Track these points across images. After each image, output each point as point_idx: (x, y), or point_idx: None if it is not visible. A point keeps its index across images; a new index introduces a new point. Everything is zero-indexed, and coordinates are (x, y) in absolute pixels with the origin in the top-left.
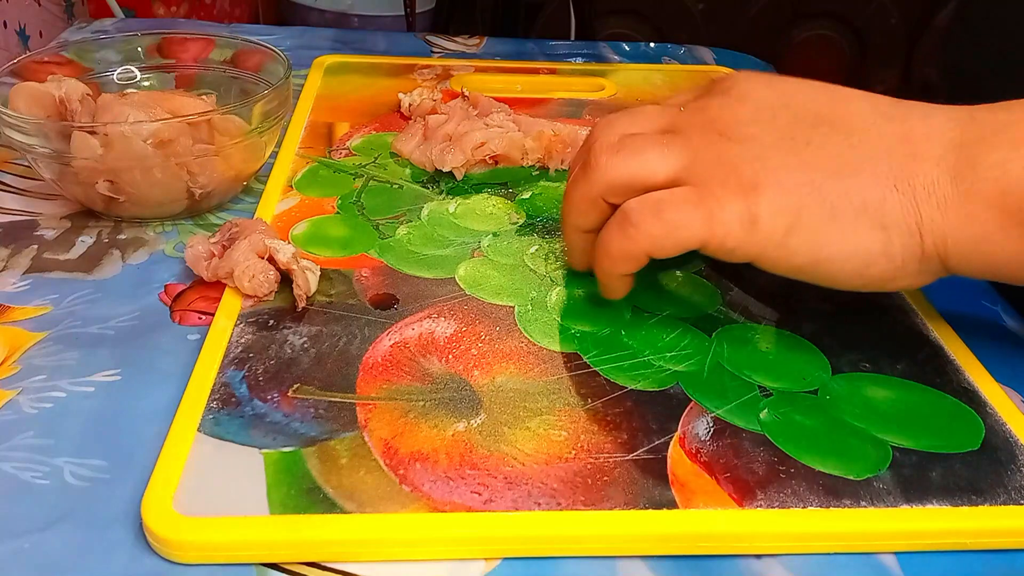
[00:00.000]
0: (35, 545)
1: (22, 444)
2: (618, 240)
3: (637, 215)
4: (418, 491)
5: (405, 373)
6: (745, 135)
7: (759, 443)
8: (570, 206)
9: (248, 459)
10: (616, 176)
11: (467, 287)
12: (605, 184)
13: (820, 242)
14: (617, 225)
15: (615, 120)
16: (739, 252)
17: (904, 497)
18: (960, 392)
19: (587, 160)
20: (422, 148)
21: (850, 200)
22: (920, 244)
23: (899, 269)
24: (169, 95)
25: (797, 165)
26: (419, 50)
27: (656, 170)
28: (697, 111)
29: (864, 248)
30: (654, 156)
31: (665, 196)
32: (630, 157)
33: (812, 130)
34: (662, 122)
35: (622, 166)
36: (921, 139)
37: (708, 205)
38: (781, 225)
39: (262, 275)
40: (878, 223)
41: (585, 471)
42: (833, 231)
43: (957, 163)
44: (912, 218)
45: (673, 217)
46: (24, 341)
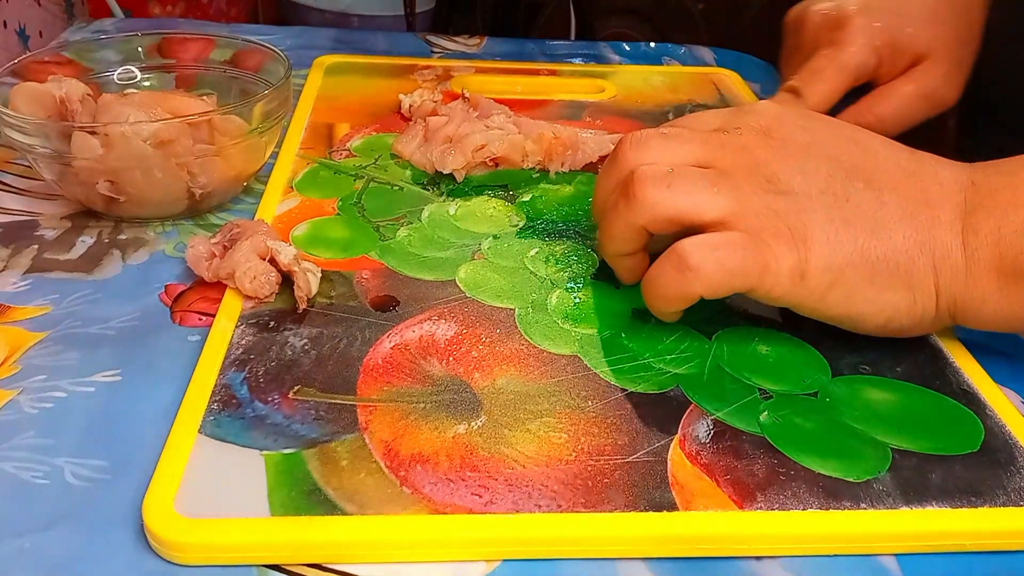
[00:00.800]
0: (35, 545)
1: (22, 444)
2: (674, 281)
3: (697, 259)
4: (419, 493)
5: (406, 375)
6: (791, 186)
7: (759, 445)
8: (611, 235)
9: (249, 461)
10: (664, 212)
11: (467, 289)
12: (651, 217)
13: (856, 299)
14: (673, 267)
15: (648, 144)
16: (781, 300)
17: (904, 499)
18: (959, 394)
19: (631, 189)
20: (422, 150)
21: (887, 262)
22: (936, 304)
23: (916, 324)
24: (169, 95)
25: (841, 222)
26: (419, 50)
27: (705, 211)
28: (740, 151)
29: (892, 306)
30: (704, 197)
31: (722, 241)
32: (680, 195)
33: (849, 185)
34: (702, 155)
35: (671, 202)
36: (936, 203)
37: (764, 256)
38: (826, 281)
39: (263, 276)
40: (907, 284)
41: (585, 473)
42: (870, 290)
43: (964, 230)
44: (932, 281)
45: (732, 265)
46: (24, 341)
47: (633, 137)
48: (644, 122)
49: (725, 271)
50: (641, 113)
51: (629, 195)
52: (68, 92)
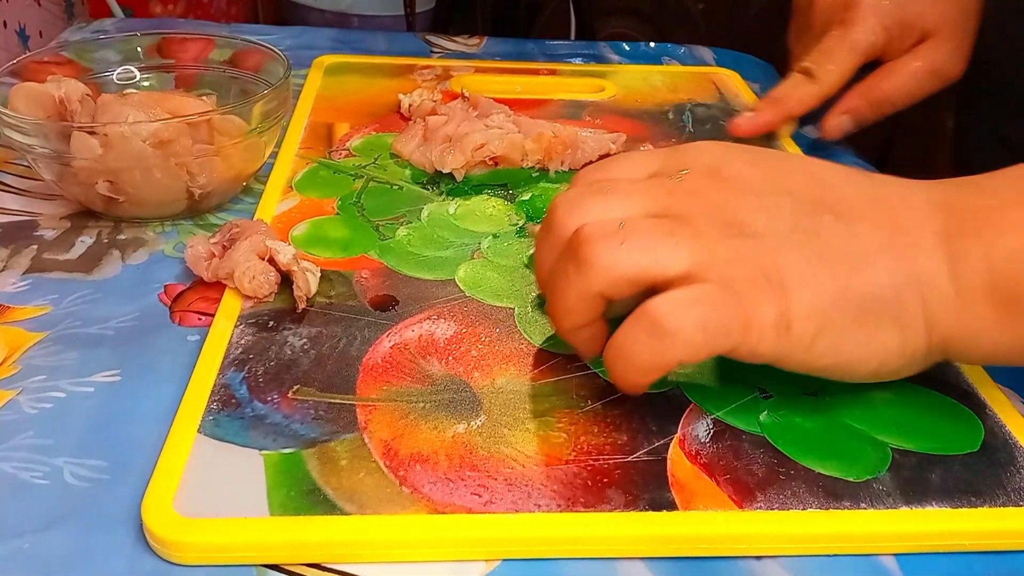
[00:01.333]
0: (35, 545)
1: (22, 444)
2: (648, 349)
3: (674, 322)
4: (418, 492)
5: (405, 375)
6: (756, 227)
7: (759, 445)
8: (563, 308)
9: (248, 460)
10: (622, 273)
11: (467, 289)
12: (608, 281)
13: (845, 345)
14: (646, 333)
15: (584, 204)
16: (765, 356)
17: (903, 498)
18: (959, 394)
19: (579, 252)
20: (422, 149)
21: (873, 299)
22: (928, 341)
23: (908, 365)
24: (169, 95)
25: (816, 261)
26: (419, 50)
27: (667, 264)
28: (691, 195)
29: (883, 348)
30: (665, 250)
31: (698, 297)
32: (637, 250)
33: (816, 219)
34: (649, 204)
35: (629, 261)
36: (912, 229)
37: (745, 308)
38: (811, 328)
39: (262, 276)
40: (896, 321)
41: (585, 473)
42: (859, 333)
43: (949, 256)
44: (921, 316)
45: (714, 324)
46: (24, 341)
47: (566, 199)
48: (644, 121)
49: (707, 332)
50: (640, 113)
51: (579, 259)
52: (67, 92)
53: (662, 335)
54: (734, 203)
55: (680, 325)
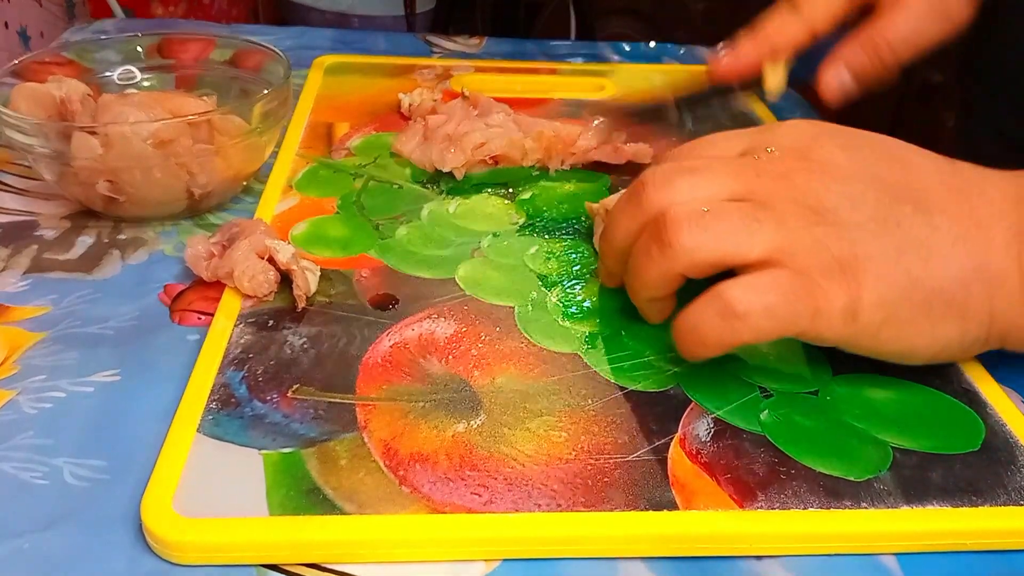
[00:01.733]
0: (35, 545)
1: (22, 444)
2: (718, 328)
3: (744, 306)
4: (418, 492)
5: (405, 374)
6: (837, 216)
7: (760, 444)
8: (643, 282)
9: (247, 460)
10: (704, 257)
11: (467, 287)
12: (691, 264)
13: (910, 335)
14: (717, 313)
15: (675, 182)
16: (832, 341)
17: (904, 498)
18: (960, 393)
19: (665, 235)
20: (422, 148)
21: (941, 293)
22: (988, 332)
23: (964, 352)
24: (169, 95)
25: (893, 252)
26: (419, 50)
27: (747, 250)
28: (778, 179)
29: (945, 338)
30: (745, 235)
31: (770, 285)
32: (721, 236)
33: (897, 209)
34: (736, 187)
35: (712, 247)
36: (988, 224)
37: (816, 297)
38: (878, 318)
39: (262, 275)
40: (961, 315)
41: (585, 472)
42: (924, 325)
43: (1020, 251)
44: (986, 309)
45: (783, 311)
46: (24, 341)
47: (656, 175)
48: (644, 121)
49: (775, 318)
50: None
51: (663, 241)
52: (68, 92)
53: (732, 318)
54: (819, 189)
55: (750, 310)
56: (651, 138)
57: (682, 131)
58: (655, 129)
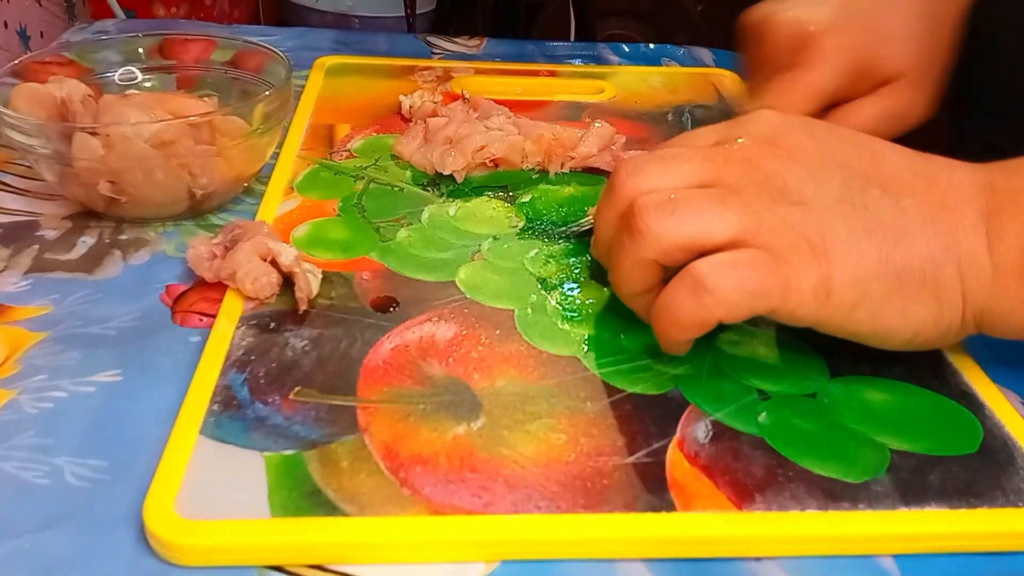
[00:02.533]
0: (35, 545)
1: (22, 444)
2: (689, 306)
3: (714, 280)
4: (418, 494)
5: (406, 376)
6: (805, 196)
7: (758, 446)
8: (621, 274)
9: (249, 462)
10: (672, 241)
11: (467, 290)
12: (660, 250)
13: (883, 314)
14: (688, 290)
15: (646, 168)
16: (805, 320)
17: (902, 500)
18: (958, 395)
19: (633, 223)
20: (423, 151)
21: (912, 272)
22: (962, 314)
23: (942, 335)
24: (170, 96)
25: (862, 231)
26: (419, 51)
27: (716, 233)
28: (745, 164)
29: (919, 319)
30: (713, 218)
31: (740, 260)
32: (686, 220)
33: (865, 193)
34: (704, 173)
35: (678, 230)
36: (956, 207)
37: (785, 273)
38: (852, 296)
39: (264, 277)
40: (934, 294)
41: (584, 474)
42: (897, 303)
43: (988, 234)
44: (959, 289)
45: (753, 285)
46: (25, 341)
47: (628, 164)
48: (643, 123)
49: (746, 292)
50: (640, 114)
51: (633, 229)
52: (69, 93)
53: (703, 292)
54: (785, 172)
55: (720, 283)
56: (650, 144)
57: None
58: (655, 133)
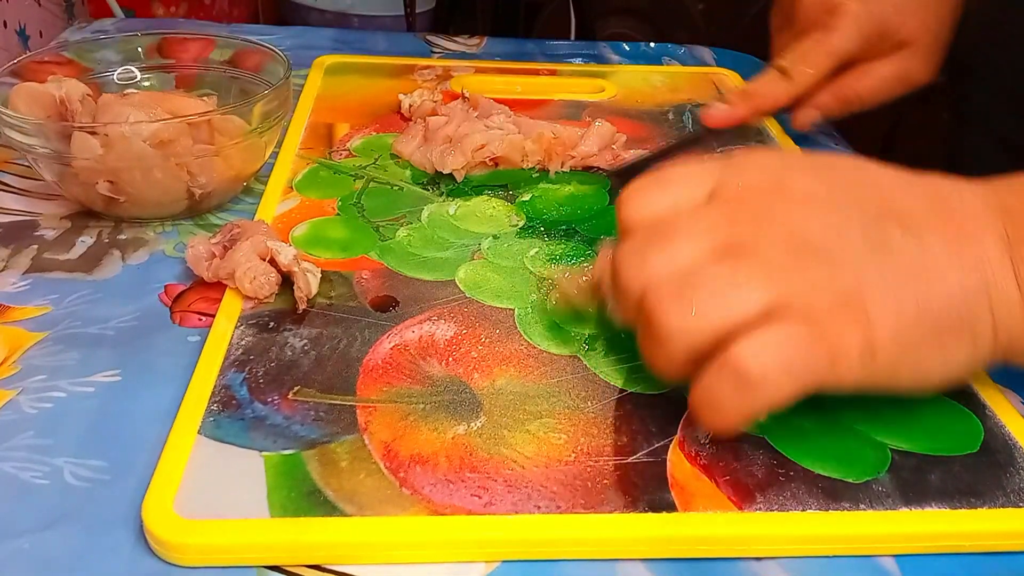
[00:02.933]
0: (35, 545)
1: (22, 444)
2: (735, 401)
3: (759, 370)
4: (418, 494)
5: (405, 376)
6: (827, 250)
7: (758, 446)
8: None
9: (248, 462)
10: (699, 336)
11: (467, 290)
12: (688, 348)
13: (926, 365)
14: (731, 384)
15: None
16: (850, 385)
17: (903, 500)
18: (959, 395)
19: (653, 326)
20: (422, 150)
21: (948, 312)
22: (994, 346)
23: (970, 373)
24: (169, 95)
25: (892, 279)
26: (419, 50)
27: (743, 310)
28: (756, 221)
29: (956, 362)
30: (736, 298)
31: (781, 339)
32: (710, 309)
33: (883, 232)
34: (711, 240)
35: (702, 325)
36: (976, 238)
37: (829, 341)
38: (895, 352)
39: (263, 277)
40: (970, 337)
41: (585, 474)
42: (937, 352)
43: (1014, 261)
44: (991, 327)
45: (800, 365)
46: (24, 341)
47: (626, 255)
48: (644, 122)
49: (792, 374)
50: (640, 113)
51: (654, 332)
52: (68, 92)
53: (748, 385)
54: (802, 223)
55: (765, 372)
56: (650, 143)
57: (683, 134)
58: (656, 132)
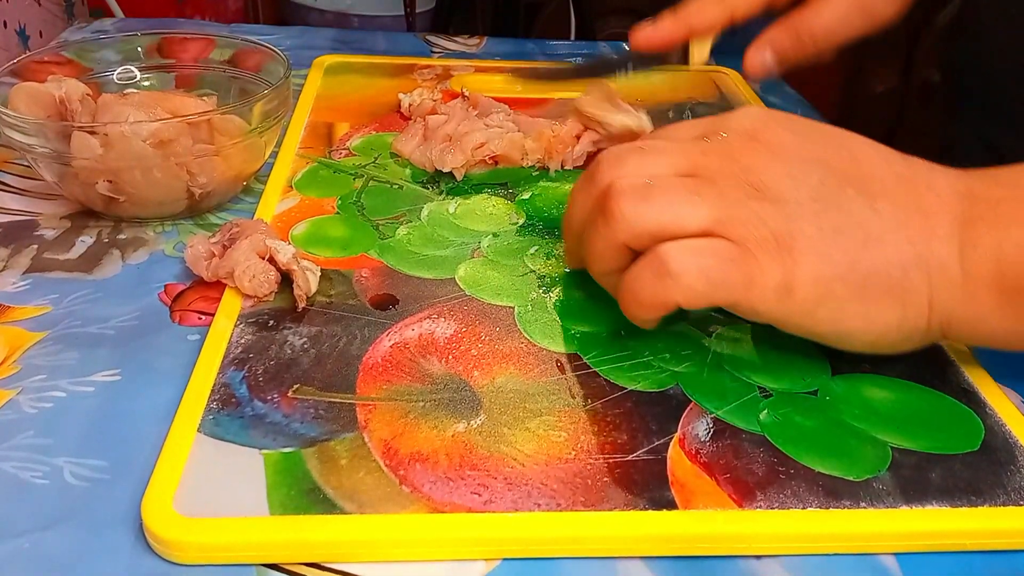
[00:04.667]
0: (35, 545)
1: (22, 444)
2: (651, 287)
3: (678, 265)
4: (418, 492)
5: (405, 374)
6: (779, 193)
7: (759, 444)
8: (593, 254)
9: (248, 460)
10: (643, 227)
11: (467, 288)
12: (631, 234)
13: (846, 315)
14: (652, 271)
15: (626, 158)
16: (765, 315)
17: (903, 498)
18: (959, 393)
19: (607, 206)
20: (422, 148)
21: (878, 276)
22: (927, 320)
23: (905, 340)
24: (169, 95)
25: (831, 231)
26: (419, 50)
27: (687, 221)
28: (724, 156)
29: (882, 322)
30: (685, 207)
31: (706, 249)
32: (659, 206)
33: (841, 192)
34: (683, 163)
35: (649, 215)
36: (932, 213)
37: (749, 267)
38: (813, 295)
39: (262, 275)
40: (899, 300)
41: (585, 472)
42: (859, 306)
43: (961, 242)
44: (925, 296)
45: (716, 275)
46: (24, 341)
47: (610, 153)
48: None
49: (708, 281)
50: None
51: (607, 211)
52: (68, 92)
53: (665, 275)
54: (763, 167)
55: (683, 269)
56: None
57: None
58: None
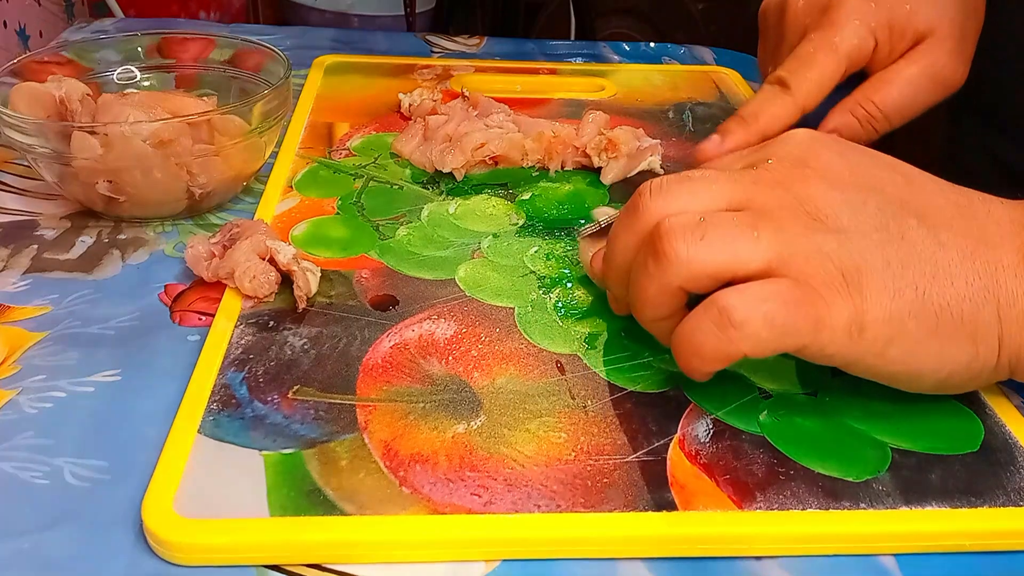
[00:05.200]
0: (35, 545)
1: (22, 444)
2: (714, 340)
3: (742, 314)
4: (418, 493)
5: (405, 375)
6: (839, 224)
7: (758, 445)
8: (644, 300)
9: (248, 461)
10: (700, 268)
11: (467, 288)
12: (687, 277)
13: (919, 355)
14: (714, 323)
15: (672, 189)
16: (835, 358)
17: (903, 499)
18: (959, 394)
19: (659, 246)
20: (422, 149)
21: (951, 311)
22: (997, 357)
23: (974, 379)
24: (169, 95)
25: (898, 265)
26: (419, 50)
27: (747, 260)
28: (776, 185)
29: (954, 361)
30: (744, 244)
31: (770, 293)
32: (716, 245)
33: (901, 222)
34: (734, 194)
35: (706, 256)
36: (996, 244)
37: (816, 307)
38: (885, 334)
39: (263, 276)
40: (971, 336)
41: (585, 473)
42: (933, 344)
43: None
44: (996, 332)
45: (783, 321)
46: (24, 341)
47: (652, 185)
48: (644, 121)
49: (774, 328)
50: (641, 112)
51: (658, 253)
52: (68, 92)
53: (728, 327)
54: (819, 196)
55: (747, 318)
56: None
57: (683, 132)
58: (656, 131)
